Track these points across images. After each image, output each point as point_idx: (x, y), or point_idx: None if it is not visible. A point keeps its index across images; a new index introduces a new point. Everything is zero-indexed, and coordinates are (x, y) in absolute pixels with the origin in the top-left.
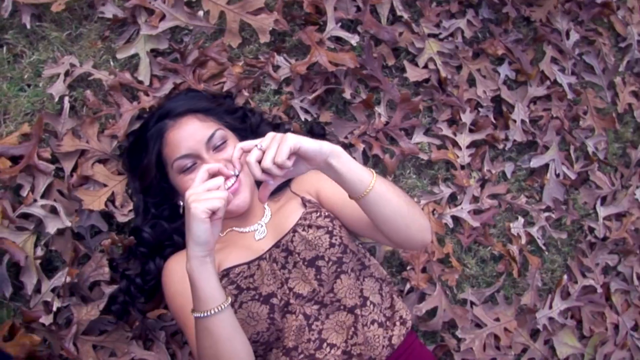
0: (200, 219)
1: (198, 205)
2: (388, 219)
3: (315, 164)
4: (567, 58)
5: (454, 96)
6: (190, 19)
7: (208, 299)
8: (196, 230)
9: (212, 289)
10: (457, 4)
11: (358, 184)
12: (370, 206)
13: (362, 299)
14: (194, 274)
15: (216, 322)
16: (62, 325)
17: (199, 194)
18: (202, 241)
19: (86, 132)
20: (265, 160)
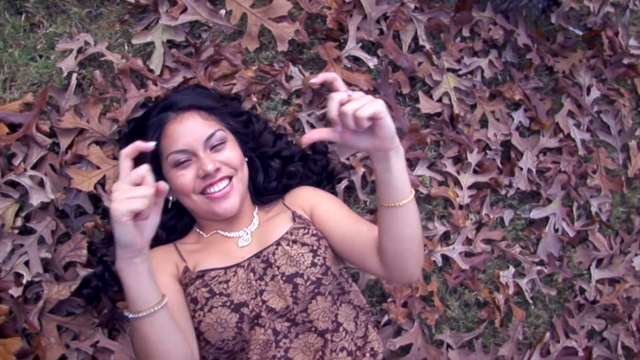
0: (121, 222)
1: (118, 207)
2: (401, 239)
3: (380, 145)
4: (584, 114)
5: (464, 134)
6: (211, 16)
7: (137, 300)
8: (118, 233)
9: (142, 291)
10: (481, 43)
11: (399, 191)
12: (394, 219)
13: (336, 324)
14: (122, 275)
15: (145, 324)
16: (31, 300)
17: (123, 190)
18: (125, 244)
19: (88, 112)
20: (348, 105)
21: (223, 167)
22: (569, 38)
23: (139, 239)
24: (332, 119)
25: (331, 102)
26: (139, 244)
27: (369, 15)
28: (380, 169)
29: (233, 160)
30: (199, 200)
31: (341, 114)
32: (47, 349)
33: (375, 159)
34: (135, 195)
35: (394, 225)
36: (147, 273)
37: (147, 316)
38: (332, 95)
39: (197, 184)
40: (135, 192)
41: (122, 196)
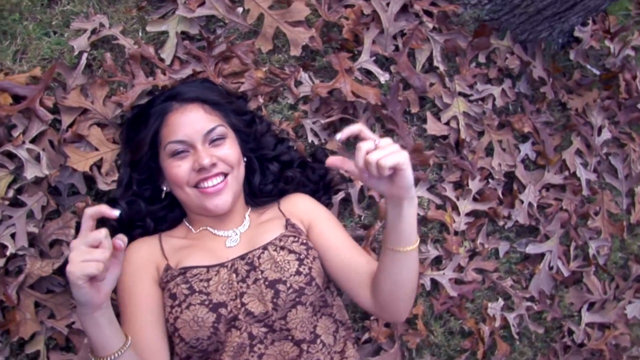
0: (77, 285)
1: (73, 270)
2: (398, 283)
3: (396, 193)
4: (592, 154)
5: (468, 160)
6: (228, 13)
7: (100, 348)
8: (75, 294)
9: (104, 340)
10: (496, 71)
11: (406, 238)
12: (396, 263)
13: (313, 336)
14: (84, 325)
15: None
16: (12, 273)
17: (80, 252)
18: (83, 303)
19: (94, 93)
20: (373, 154)
21: (220, 162)
22: (586, 76)
23: (96, 297)
24: (358, 166)
25: (358, 152)
26: (97, 302)
27: (386, 30)
28: (392, 213)
29: (230, 157)
30: (191, 193)
31: (366, 162)
32: (20, 324)
33: (389, 203)
34: (91, 259)
35: (394, 268)
36: (108, 324)
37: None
38: (359, 145)
39: (191, 176)
40: (91, 256)
41: (78, 258)
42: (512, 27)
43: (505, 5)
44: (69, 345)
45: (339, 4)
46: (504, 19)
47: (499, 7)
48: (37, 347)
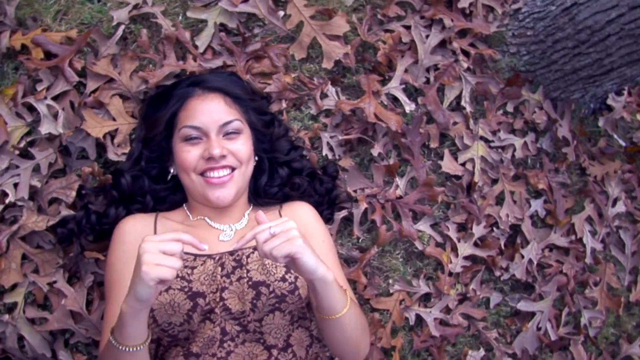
0: (147, 285)
1: (148, 271)
2: (334, 342)
3: (302, 275)
4: (603, 224)
5: (476, 205)
6: (269, 14)
7: (127, 337)
8: (140, 290)
9: (135, 332)
10: (522, 122)
11: (327, 309)
12: (327, 327)
13: (286, 344)
14: (125, 317)
15: (126, 356)
16: (7, 221)
17: (154, 254)
18: (142, 299)
19: (123, 65)
20: (266, 246)
21: (229, 156)
22: (611, 146)
23: (153, 297)
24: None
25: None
26: (152, 300)
27: (421, 61)
28: (310, 291)
29: (241, 153)
30: (196, 180)
31: (262, 253)
32: (4, 272)
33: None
34: (167, 264)
35: (327, 330)
36: (145, 319)
37: (131, 352)
38: (256, 236)
39: (199, 164)
40: (167, 262)
41: (153, 261)
42: (545, 83)
43: (543, 59)
44: (47, 303)
45: (379, 27)
46: (540, 72)
47: (537, 60)
48: (15, 299)
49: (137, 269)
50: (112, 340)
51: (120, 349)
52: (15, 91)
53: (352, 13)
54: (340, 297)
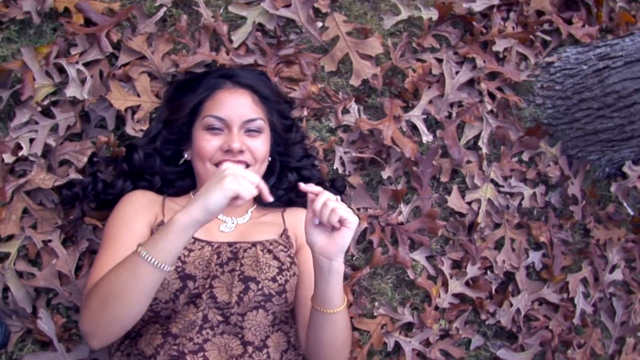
0: (224, 195)
1: (232, 182)
2: (318, 339)
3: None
4: (597, 288)
5: (475, 245)
6: (307, 23)
7: (162, 251)
8: (213, 199)
9: (174, 250)
10: (535, 173)
11: (330, 301)
12: (319, 322)
13: (262, 344)
14: (176, 226)
15: (148, 272)
16: (15, 173)
17: (238, 173)
18: (210, 210)
19: (158, 45)
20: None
21: (247, 152)
22: (619, 213)
23: (219, 212)
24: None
25: (321, 195)
26: (215, 216)
27: (446, 95)
28: (319, 276)
29: (259, 152)
30: (210, 170)
31: (324, 204)
32: (3, 221)
33: (317, 265)
34: (246, 184)
35: (317, 326)
36: (187, 241)
37: (157, 269)
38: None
39: (217, 154)
40: (247, 183)
41: (237, 175)
42: (565, 139)
43: (567, 115)
44: (38, 260)
45: (412, 55)
46: (561, 128)
47: (560, 116)
48: (9, 250)
49: (216, 181)
50: (142, 253)
51: (149, 261)
52: (49, 51)
53: (389, 37)
54: (341, 293)
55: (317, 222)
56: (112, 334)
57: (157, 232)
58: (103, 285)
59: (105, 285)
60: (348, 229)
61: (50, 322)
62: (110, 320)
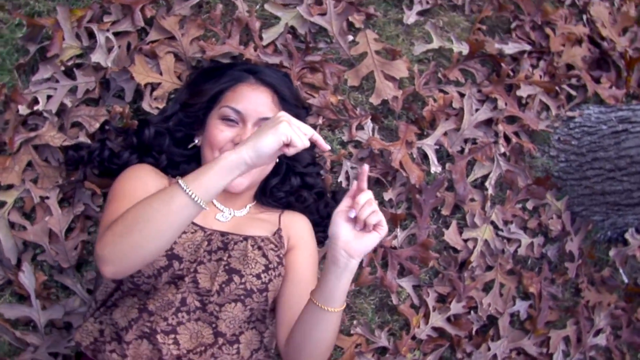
0: (277, 138)
1: (287, 128)
2: (308, 336)
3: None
4: (578, 349)
5: (463, 283)
6: (339, 34)
7: (202, 186)
8: (266, 142)
9: (214, 187)
10: (536, 224)
11: (333, 299)
12: (314, 318)
13: (234, 338)
14: (222, 163)
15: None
16: (27, 126)
17: (293, 122)
18: (260, 152)
19: (189, 29)
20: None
21: None
22: (614, 279)
23: (269, 159)
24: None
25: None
26: (263, 162)
27: (462, 130)
28: (331, 272)
29: None
30: None
31: (368, 202)
32: (6, 170)
33: (333, 259)
34: (300, 134)
35: (312, 323)
36: (227, 182)
37: (195, 204)
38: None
39: (227, 146)
40: (300, 133)
41: (295, 122)
42: (572, 195)
43: (578, 172)
44: (32, 214)
45: (435, 85)
46: (570, 183)
47: (571, 171)
48: (6, 199)
49: (270, 125)
50: (182, 184)
51: (187, 193)
52: (83, 14)
53: (416, 63)
54: (345, 293)
55: (352, 216)
56: (130, 263)
57: (205, 167)
58: (133, 211)
59: (135, 211)
60: (379, 234)
61: (32, 278)
62: (133, 246)
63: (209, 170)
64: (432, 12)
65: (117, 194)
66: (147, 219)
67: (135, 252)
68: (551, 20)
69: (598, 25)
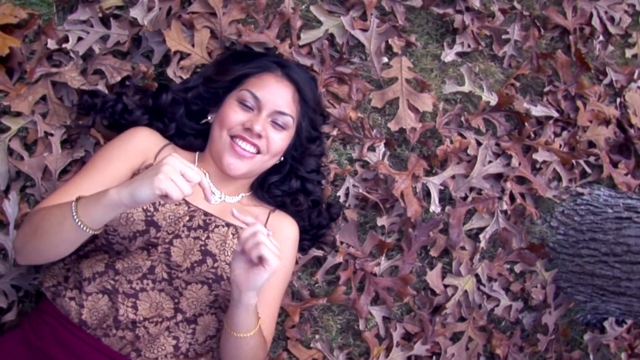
0: (152, 191)
1: (163, 181)
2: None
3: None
4: None
5: (433, 327)
6: (375, 54)
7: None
8: (142, 191)
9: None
10: (519, 288)
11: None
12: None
13: (193, 319)
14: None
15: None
16: (51, 60)
17: (175, 171)
18: (136, 199)
19: (231, 9)
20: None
21: (264, 140)
22: None
23: (146, 203)
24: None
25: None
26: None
27: (470, 178)
28: (232, 300)
29: (276, 145)
30: (224, 138)
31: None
32: (19, 97)
33: (233, 287)
34: (180, 185)
35: (227, 347)
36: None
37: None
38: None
39: (237, 128)
40: (181, 183)
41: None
42: (561, 269)
43: (573, 248)
44: (32, 147)
45: (456, 127)
46: (562, 257)
47: (567, 246)
48: (12, 125)
49: (151, 172)
50: (73, 208)
51: (74, 219)
52: None
53: (442, 100)
54: (251, 323)
55: (239, 249)
56: (34, 260)
57: (96, 195)
58: (38, 217)
59: (39, 219)
60: (265, 269)
61: (16, 207)
62: (34, 250)
63: (96, 202)
64: (470, 56)
65: (85, 168)
66: (44, 232)
67: (37, 255)
68: (585, 94)
69: (630, 111)
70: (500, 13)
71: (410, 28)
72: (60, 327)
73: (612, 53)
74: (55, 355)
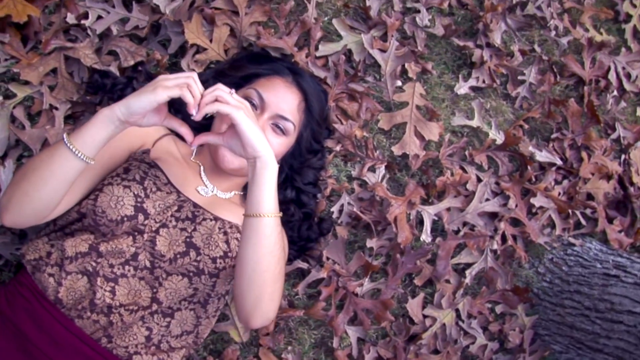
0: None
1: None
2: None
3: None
4: None
5: (406, 355)
6: (389, 76)
7: (80, 139)
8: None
9: (91, 140)
10: (497, 329)
11: (258, 204)
12: (252, 231)
13: (170, 311)
14: (97, 119)
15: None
16: (67, 36)
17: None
18: (130, 110)
19: (253, 11)
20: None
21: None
22: None
23: (140, 118)
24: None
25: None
26: (135, 121)
27: (465, 213)
28: (249, 177)
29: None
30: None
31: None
32: (30, 67)
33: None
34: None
35: (251, 238)
36: (108, 138)
37: (74, 156)
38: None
39: None
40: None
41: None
42: (542, 316)
43: (557, 297)
44: (35, 117)
45: (458, 159)
46: (544, 305)
47: (551, 294)
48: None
49: (149, 87)
50: (64, 136)
51: (66, 144)
52: None
53: (449, 132)
54: (273, 200)
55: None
56: (23, 211)
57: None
58: (27, 163)
59: (28, 163)
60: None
61: (10, 175)
62: (23, 193)
63: (87, 124)
64: (484, 92)
65: None
66: (34, 168)
67: (25, 199)
68: (591, 146)
69: (632, 169)
70: (519, 54)
71: (429, 55)
72: (35, 302)
73: (623, 109)
74: (25, 328)
